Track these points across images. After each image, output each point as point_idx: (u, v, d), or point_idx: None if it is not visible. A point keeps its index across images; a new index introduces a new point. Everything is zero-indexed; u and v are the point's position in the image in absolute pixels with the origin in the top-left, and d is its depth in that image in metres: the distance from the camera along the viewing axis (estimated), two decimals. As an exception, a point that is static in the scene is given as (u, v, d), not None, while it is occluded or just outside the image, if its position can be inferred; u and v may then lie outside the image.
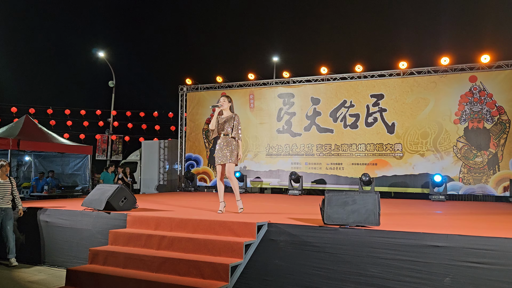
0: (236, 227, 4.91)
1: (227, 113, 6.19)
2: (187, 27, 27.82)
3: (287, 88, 12.96)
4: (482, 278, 3.95)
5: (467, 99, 10.86)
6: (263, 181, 12.88)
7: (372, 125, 11.79)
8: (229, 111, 6.20)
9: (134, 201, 6.46)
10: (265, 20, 26.34)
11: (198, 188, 13.66)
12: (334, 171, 12.10)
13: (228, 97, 6.27)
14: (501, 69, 10.62)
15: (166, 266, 4.53)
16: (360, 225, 4.57)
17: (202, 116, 14.04)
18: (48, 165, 12.76)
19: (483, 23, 18.81)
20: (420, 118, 11.28)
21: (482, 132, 10.65)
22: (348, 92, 12.16)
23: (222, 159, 6.05)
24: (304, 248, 4.69)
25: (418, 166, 11.17)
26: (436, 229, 4.52)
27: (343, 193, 4.77)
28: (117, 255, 4.86)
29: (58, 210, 6.50)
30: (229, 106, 6.20)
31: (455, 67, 11.10)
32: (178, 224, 5.25)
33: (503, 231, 4.53)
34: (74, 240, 6.12)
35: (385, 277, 4.28)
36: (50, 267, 6.23)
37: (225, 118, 6.13)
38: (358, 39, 22.90)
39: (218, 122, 6.15)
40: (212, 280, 4.26)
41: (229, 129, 6.07)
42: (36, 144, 10.57)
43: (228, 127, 6.08)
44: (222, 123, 6.12)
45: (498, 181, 10.37)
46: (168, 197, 10.12)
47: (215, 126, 6.12)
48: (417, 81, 11.42)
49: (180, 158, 14.33)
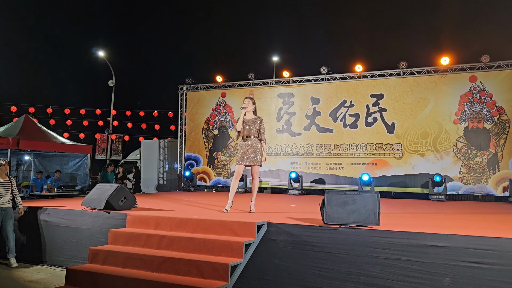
0: (236, 227, 4.91)
1: (251, 116, 6.29)
2: (187, 27, 27.83)
3: (287, 88, 12.96)
4: (482, 278, 3.95)
5: (467, 99, 10.86)
6: (263, 181, 12.88)
7: (372, 125, 11.79)
8: (252, 113, 6.30)
9: (134, 200, 6.46)
10: (265, 19, 26.34)
11: (198, 187, 13.66)
12: (333, 171, 12.10)
13: (252, 99, 6.37)
14: (501, 69, 10.61)
15: (166, 265, 4.53)
16: (360, 225, 4.57)
17: (202, 115, 14.04)
18: (47, 165, 12.76)
19: (483, 23, 18.83)
20: (420, 118, 11.28)
21: (482, 132, 10.65)
22: (348, 92, 12.16)
23: (250, 160, 6.11)
24: (304, 248, 4.69)
25: (418, 166, 11.17)
26: (436, 229, 4.52)
27: (343, 193, 4.77)
28: (117, 255, 4.85)
29: (58, 209, 6.49)
30: (253, 108, 6.30)
31: (455, 67, 11.10)
32: (178, 224, 5.25)
33: (503, 231, 4.54)
34: (74, 239, 6.12)
35: (385, 277, 4.28)
36: (50, 267, 6.23)
37: (250, 121, 6.22)
38: (358, 38, 22.91)
39: (243, 124, 6.22)
40: (212, 280, 4.26)
41: (254, 131, 6.17)
42: (36, 144, 10.57)
43: (253, 130, 6.16)
44: (247, 125, 6.20)
45: (498, 181, 10.37)
46: (167, 197, 10.12)
47: (241, 127, 6.20)
48: (417, 81, 11.42)
49: (179, 157, 14.33)
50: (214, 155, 13.72)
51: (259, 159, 6.13)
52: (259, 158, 6.12)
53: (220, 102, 13.84)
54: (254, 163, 6.11)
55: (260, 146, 6.18)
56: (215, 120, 13.82)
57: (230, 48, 27.50)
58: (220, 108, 13.80)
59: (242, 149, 6.17)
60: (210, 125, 13.87)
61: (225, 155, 13.51)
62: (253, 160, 6.10)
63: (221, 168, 13.57)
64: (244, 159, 6.13)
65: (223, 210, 6.11)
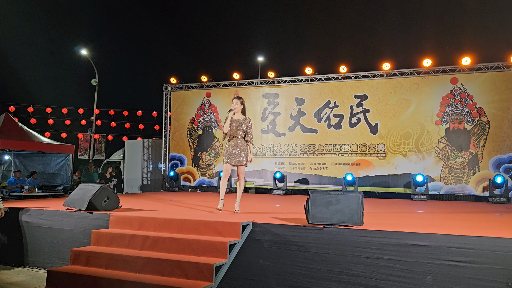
0: (220, 227, 4.90)
1: (239, 116, 6.25)
2: (172, 26, 27.67)
3: (272, 88, 12.99)
4: (462, 276, 4.03)
5: (449, 101, 11.05)
6: (247, 181, 12.88)
7: (355, 126, 11.90)
8: (241, 113, 6.27)
9: (117, 200, 6.39)
10: (251, 19, 26.34)
11: (182, 188, 13.59)
12: (317, 171, 12.17)
13: (241, 99, 6.32)
14: (482, 72, 10.83)
15: (149, 266, 4.49)
16: (343, 224, 4.61)
17: (186, 115, 13.97)
18: (28, 164, 12.51)
19: (464, 26, 19.18)
20: (402, 119, 11.44)
21: (463, 133, 10.86)
22: (332, 92, 12.25)
23: (237, 160, 6.09)
24: (289, 247, 4.71)
25: (400, 166, 11.32)
26: (418, 228, 4.59)
27: (327, 193, 4.81)
28: (100, 256, 4.79)
29: (39, 210, 6.38)
30: (242, 108, 6.26)
31: (436, 69, 11.28)
32: (162, 224, 5.21)
33: (482, 230, 4.64)
34: (55, 240, 6.02)
35: (368, 276, 4.33)
36: (31, 268, 6.11)
37: (238, 121, 6.18)
38: (343, 40, 23.09)
39: (231, 124, 6.18)
40: (196, 280, 4.24)
41: (241, 132, 6.14)
42: (16, 143, 10.37)
43: (240, 130, 6.14)
44: (235, 125, 6.16)
45: (478, 181, 10.59)
46: (151, 197, 10.04)
47: (228, 129, 6.16)
48: (400, 82, 11.57)
49: (164, 157, 14.23)
50: (198, 155, 13.67)
51: (245, 160, 6.13)
52: (245, 159, 6.12)
53: (205, 102, 13.79)
54: (240, 163, 6.11)
55: (246, 147, 6.17)
56: (200, 120, 13.76)
57: (215, 48, 27.44)
58: (205, 108, 13.76)
59: (229, 149, 6.16)
60: (194, 125, 13.81)
61: (210, 155, 13.47)
62: (239, 161, 6.09)
63: (205, 168, 13.52)
64: (230, 159, 6.12)
65: (217, 208, 6.14)
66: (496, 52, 11.20)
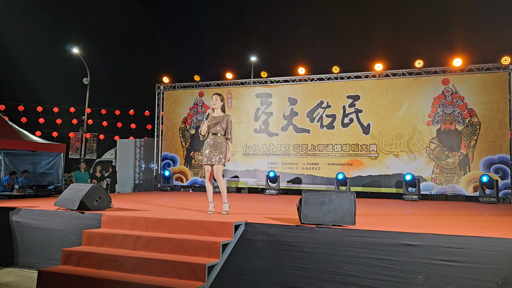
0: (213, 227, 4.89)
1: (219, 113, 6.10)
2: (164, 25, 27.56)
3: (265, 88, 13.00)
4: (453, 275, 4.07)
5: (440, 101, 11.14)
6: (240, 181, 12.88)
7: (348, 126, 11.94)
8: (220, 110, 6.12)
9: (109, 200, 6.35)
10: (244, 19, 26.35)
11: (175, 187, 13.54)
12: (310, 171, 12.20)
13: (220, 95, 6.16)
14: (472, 73, 10.93)
15: (141, 266, 4.47)
16: (336, 224, 4.63)
17: (179, 115, 13.92)
18: (19, 164, 12.37)
19: (455, 27, 19.35)
20: (394, 119, 11.50)
21: (454, 134, 10.95)
22: (325, 92, 12.29)
23: (211, 159, 5.93)
24: (281, 247, 4.71)
25: (392, 167, 11.38)
26: (409, 228, 4.62)
27: (320, 193, 4.82)
28: (91, 256, 4.76)
29: (30, 210, 6.32)
30: (221, 105, 6.11)
31: (428, 70, 11.36)
32: (154, 224, 5.19)
33: (473, 230, 4.68)
34: (46, 240, 5.96)
35: (360, 275, 4.35)
36: (21, 269, 6.05)
37: (217, 118, 6.03)
38: (336, 40, 23.19)
39: (209, 121, 6.03)
40: (189, 280, 4.23)
41: (220, 129, 5.97)
42: (6, 142, 10.24)
43: (219, 127, 5.97)
44: (213, 122, 6.00)
45: (468, 181, 10.68)
46: (144, 197, 10.00)
47: (206, 131, 6.02)
48: (392, 83, 11.64)
49: (156, 157, 14.18)
50: (191, 154, 13.63)
51: (222, 159, 5.90)
52: (221, 158, 5.89)
53: (197, 101, 13.76)
54: (214, 163, 5.91)
55: (225, 145, 5.98)
56: (193, 120, 13.73)
57: (208, 47, 27.40)
58: (198, 107, 13.72)
59: (206, 148, 6.00)
60: (187, 125, 13.78)
61: (202, 155, 13.43)
62: (214, 160, 5.89)
63: (198, 168, 13.49)
64: (206, 159, 5.97)
65: (208, 212, 5.95)
66: (487, 54, 11.34)
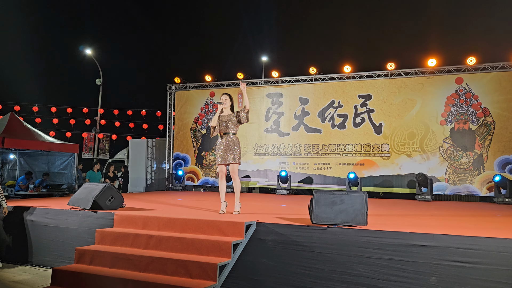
0: (224, 227, 4.91)
1: (228, 112, 6.12)
2: (176, 26, 27.69)
3: (276, 88, 12.98)
4: (467, 277, 4.01)
5: (453, 101, 11.00)
6: (251, 181, 12.88)
7: (359, 126, 11.87)
8: (229, 110, 6.14)
9: (122, 200, 6.41)
10: (255, 19, 26.35)
11: (186, 187, 13.61)
12: (321, 171, 12.15)
13: (229, 95, 6.19)
14: (487, 71, 10.78)
15: (153, 265, 4.50)
16: (347, 224, 4.60)
17: (190, 115, 13.98)
18: (33, 163, 12.55)
19: (469, 25, 19.10)
20: (407, 119, 11.39)
21: (468, 133, 10.80)
22: (336, 92, 12.23)
23: (226, 159, 5.94)
24: (292, 247, 4.70)
25: (404, 167, 11.28)
26: (422, 228, 4.57)
27: (331, 193, 4.80)
28: (104, 255, 4.81)
29: (44, 209, 6.41)
30: (230, 105, 6.13)
31: (441, 68, 11.23)
32: (166, 224, 5.22)
33: (487, 231, 4.61)
34: (60, 239, 6.05)
35: (372, 276, 4.32)
36: (36, 267, 6.15)
37: (226, 117, 6.06)
38: (347, 39, 23.05)
39: (220, 120, 6.07)
40: (200, 280, 4.25)
41: (231, 127, 5.99)
42: (21, 142, 10.40)
43: (230, 126, 5.99)
44: (223, 122, 6.04)
45: (482, 182, 10.53)
46: (156, 196, 10.06)
47: (216, 123, 6.05)
48: (404, 82, 11.53)
49: (168, 157, 14.26)
50: (202, 154, 13.68)
51: (237, 158, 5.92)
52: (236, 157, 5.92)
53: (208, 101, 13.80)
54: (229, 161, 5.92)
55: (238, 143, 5.99)
56: (204, 120, 13.78)
57: (219, 47, 27.45)
58: (209, 107, 13.77)
59: (219, 148, 6.02)
60: (198, 125, 13.83)
61: (214, 154, 13.48)
62: (229, 159, 5.91)
63: (209, 168, 13.54)
64: (219, 160, 5.98)
65: (219, 212, 5.98)
66: (502, 52, 11.14)
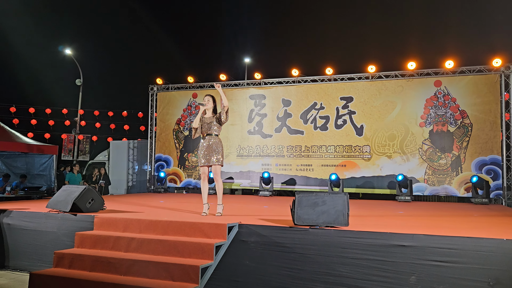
0: (206, 229, 4.89)
1: (210, 113, 6.11)
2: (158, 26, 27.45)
3: (259, 90, 13.01)
4: (445, 276, 4.09)
5: (432, 103, 11.21)
6: (234, 182, 12.87)
7: (341, 127, 11.99)
8: (211, 112, 6.12)
9: (102, 202, 6.32)
10: (238, 21, 26.36)
11: (168, 189, 13.51)
12: (304, 172, 12.23)
13: (212, 97, 6.15)
14: (464, 75, 11.02)
15: (134, 268, 4.46)
16: (329, 225, 4.64)
17: (172, 116, 13.89)
18: (12, 165, 12.27)
19: (447, 29, 19.51)
20: (387, 121, 11.56)
21: (446, 135, 11.03)
22: (319, 94, 12.32)
23: (208, 160, 5.92)
24: (275, 248, 4.72)
25: (385, 168, 11.44)
26: (402, 229, 4.65)
27: (313, 194, 4.83)
28: (84, 258, 4.74)
29: (22, 212, 6.27)
30: (213, 106, 6.11)
31: (421, 71, 11.44)
32: (148, 226, 5.17)
33: (465, 231, 4.72)
34: (38, 243, 5.92)
35: (354, 276, 4.36)
36: (13, 271, 6.00)
37: (209, 119, 6.04)
38: (329, 42, 23.28)
39: (202, 122, 6.05)
40: (182, 282, 4.22)
41: (214, 128, 5.97)
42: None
43: (213, 127, 5.97)
44: (206, 123, 6.02)
45: (460, 183, 10.76)
46: (137, 198, 9.95)
47: (198, 124, 6.03)
48: (385, 84, 11.70)
49: (149, 158, 14.13)
50: (185, 156, 13.61)
51: (220, 159, 5.91)
52: (219, 158, 5.90)
53: (191, 102, 13.74)
54: (214, 163, 5.90)
55: (220, 145, 5.99)
56: (186, 121, 13.70)
57: (202, 48, 27.37)
58: (191, 109, 13.70)
59: (202, 149, 6.00)
60: (181, 126, 13.75)
61: (196, 156, 13.42)
62: (213, 161, 5.89)
63: (192, 169, 13.47)
64: (203, 160, 5.96)
65: (202, 214, 5.94)
66: (479, 56, 11.43)
